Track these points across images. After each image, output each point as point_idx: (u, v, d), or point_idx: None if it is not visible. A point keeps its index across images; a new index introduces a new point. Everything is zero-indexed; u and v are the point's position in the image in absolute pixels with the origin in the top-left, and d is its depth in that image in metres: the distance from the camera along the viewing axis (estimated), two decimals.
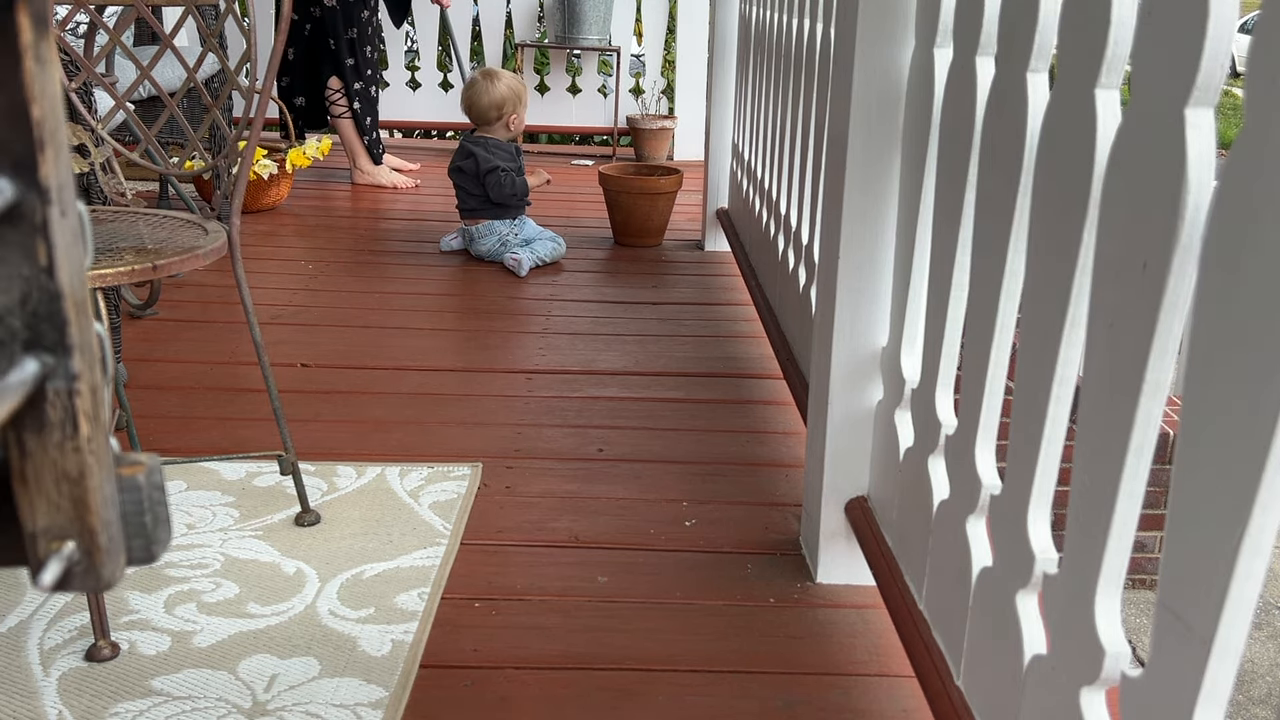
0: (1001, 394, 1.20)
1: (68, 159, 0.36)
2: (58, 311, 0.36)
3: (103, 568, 0.39)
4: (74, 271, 0.37)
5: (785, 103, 2.50)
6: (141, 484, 0.40)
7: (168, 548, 0.41)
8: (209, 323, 2.82)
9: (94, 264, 1.37)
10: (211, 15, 1.81)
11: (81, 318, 0.37)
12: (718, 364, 2.64)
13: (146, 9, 1.70)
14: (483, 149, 3.49)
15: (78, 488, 0.38)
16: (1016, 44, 1.09)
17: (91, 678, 1.37)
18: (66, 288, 0.36)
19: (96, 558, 0.39)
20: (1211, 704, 0.77)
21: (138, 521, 0.40)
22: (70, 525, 0.39)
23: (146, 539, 0.40)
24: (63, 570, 0.38)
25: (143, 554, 0.40)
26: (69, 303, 0.36)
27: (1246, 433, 0.72)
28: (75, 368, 0.37)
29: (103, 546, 0.39)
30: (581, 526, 1.82)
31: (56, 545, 0.39)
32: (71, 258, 0.36)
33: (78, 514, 0.38)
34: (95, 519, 0.38)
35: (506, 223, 3.51)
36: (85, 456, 0.38)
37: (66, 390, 0.37)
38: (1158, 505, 3.49)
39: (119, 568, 0.40)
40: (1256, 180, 0.71)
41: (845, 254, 1.57)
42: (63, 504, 0.38)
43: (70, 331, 0.37)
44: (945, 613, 1.28)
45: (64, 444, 0.38)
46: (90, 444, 0.38)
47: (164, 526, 0.41)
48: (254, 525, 1.76)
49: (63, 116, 0.36)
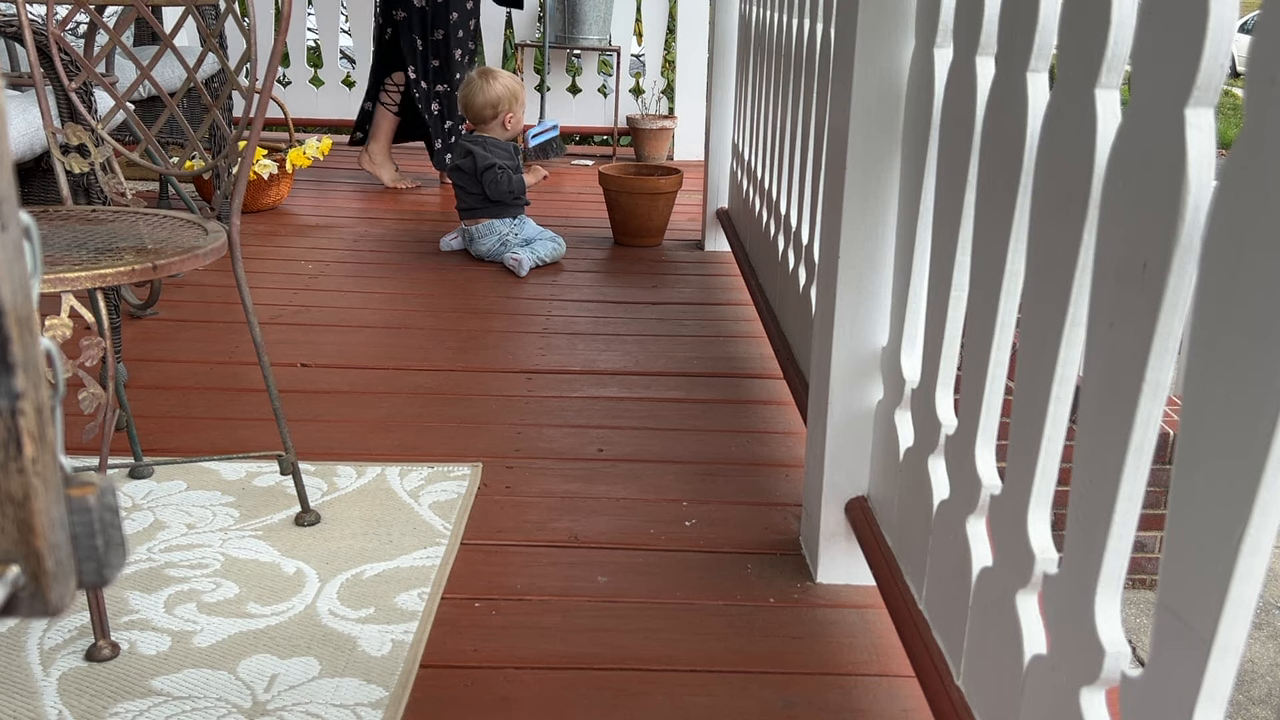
0: (1001, 394, 1.20)
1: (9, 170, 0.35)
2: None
3: (50, 592, 0.38)
4: (16, 287, 0.35)
5: (785, 103, 2.50)
6: (92, 505, 0.39)
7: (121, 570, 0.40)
8: (209, 323, 2.82)
9: (94, 264, 1.37)
10: (211, 15, 1.81)
11: (25, 335, 0.36)
12: (718, 364, 2.64)
13: (146, 9, 1.70)
14: (480, 147, 3.49)
15: (22, 510, 0.37)
16: (1016, 44, 1.09)
17: (91, 678, 1.37)
18: (8, 304, 0.35)
19: (43, 582, 0.38)
20: (1211, 704, 0.77)
21: (89, 544, 0.39)
22: (15, 549, 0.37)
23: (98, 562, 0.39)
24: (7, 595, 0.37)
25: (94, 577, 0.39)
26: (10, 319, 0.35)
27: (1246, 433, 0.72)
28: (18, 386, 0.36)
29: (50, 570, 0.38)
30: (581, 526, 1.81)
31: (1, 570, 0.37)
32: (13, 273, 0.35)
33: (23, 537, 0.37)
34: (41, 542, 0.37)
35: (506, 222, 3.50)
36: (30, 478, 0.37)
37: (9, 409, 0.36)
38: (1158, 505, 3.49)
39: (68, 592, 0.38)
40: (1256, 180, 0.71)
41: (845, 254, 1.57)
42: (7, 527, 0.37)
43: (12, 349, 0.35)
44: (945, 613, 1.28)
45: (7, 465, 0.36)
46: (35, 465, 0.37)
47: (117, 550, 0.39)
48: (254, 525, 1.76)
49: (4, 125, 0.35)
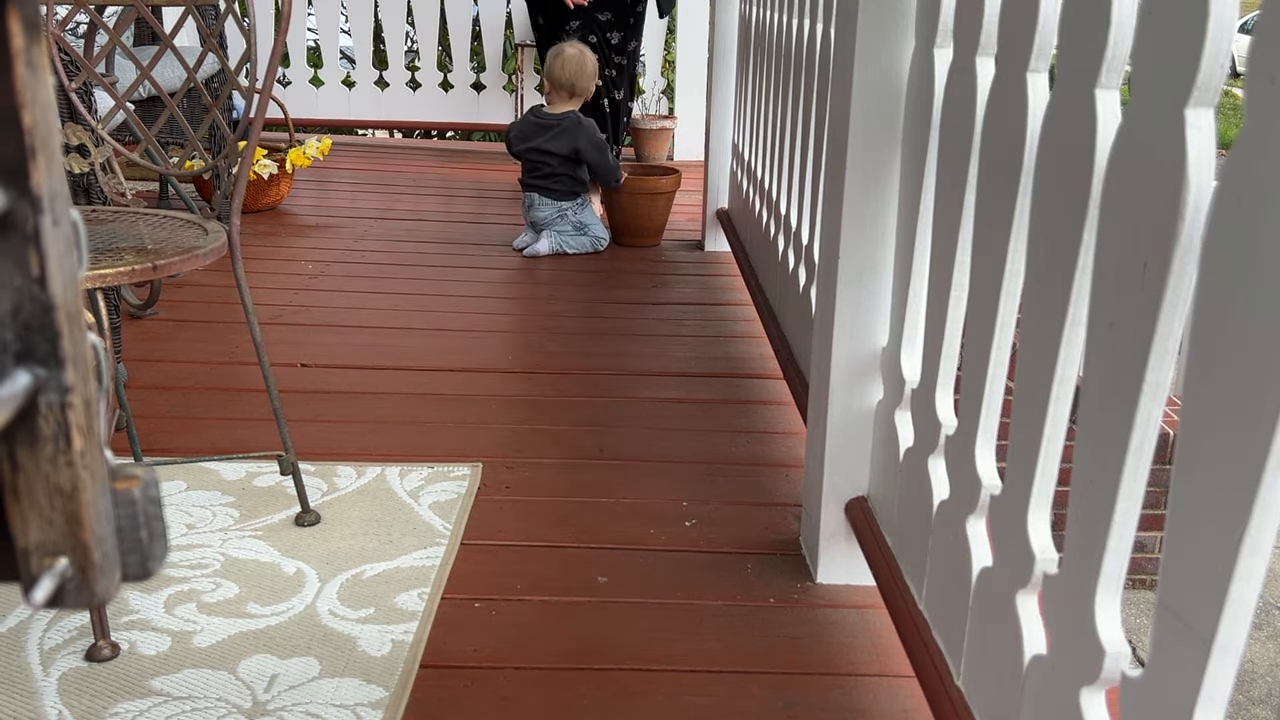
0: (1001, 394, 1.20)
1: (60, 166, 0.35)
2: (50, 323, 0.36)
3: (96, 584, 0.38)
4: (67, 282, 0.36)
5: (785, 103, 2.50)
6: (137, 498, 0.39)
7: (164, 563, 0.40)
8: (209, 323, 2.82)
9: (94, 264, 1.37)
10: (211, 15, 1.81)
11: (74, 330, 0.36)
12: (718, 364, 2.64)
13: (146, 9, 1.70)
14: (579, 125, 3.54)
15: (71, 502, 0.37)
16: (1016, 44, 1.09)
17: (91, 678, 1.37)
18: (59, 299, 0.35)
19: (90, 574, 0.38)
20: (1211, 704, 0.77)
21: (133, 536, 0.39)
22: (63, 541, 0.38)
23: (142, 554, 0.39)
24: (55, 587, 0.38)
25: (138, 570, 0.39)
26: (62, 314, 0.36)
27: (1246, 433, 0.72)
28: (68, 380, 0.36)
29: (96, 562, 0.38)
30: (581, 526, 1.81)
31: (49, 561, 0.38)
32: (64, 268, 0.36)
33: (71, 529, 0.37)
34: (89, 534, 0.38)
35: (570, 200, 3.56)
36: (78, 471, 0.37)
37: (59, 403, 0.36)
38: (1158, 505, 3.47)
39: (113, 584, 0.39)
40: (1256, 180, 0.71)
41: (845, 254, 1.57)
42: (55, 519, 0.37)
43: (63, 344, 0.36)
44: (945, 613, 1.28)
45: (56, 458, 0.37)
46: (83, 458, 0.37)
47: (160, 541, 0.40)
48: (254, 525, 1.76)
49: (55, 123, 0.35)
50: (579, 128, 3.53)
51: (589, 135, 3.54)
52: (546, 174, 3.55)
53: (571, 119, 3.55)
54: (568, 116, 3.56)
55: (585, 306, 3.07)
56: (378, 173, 4.96)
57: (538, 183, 3.56)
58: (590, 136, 3.54)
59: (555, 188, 3.55)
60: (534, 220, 3.60)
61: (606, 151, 3.57)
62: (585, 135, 3.53)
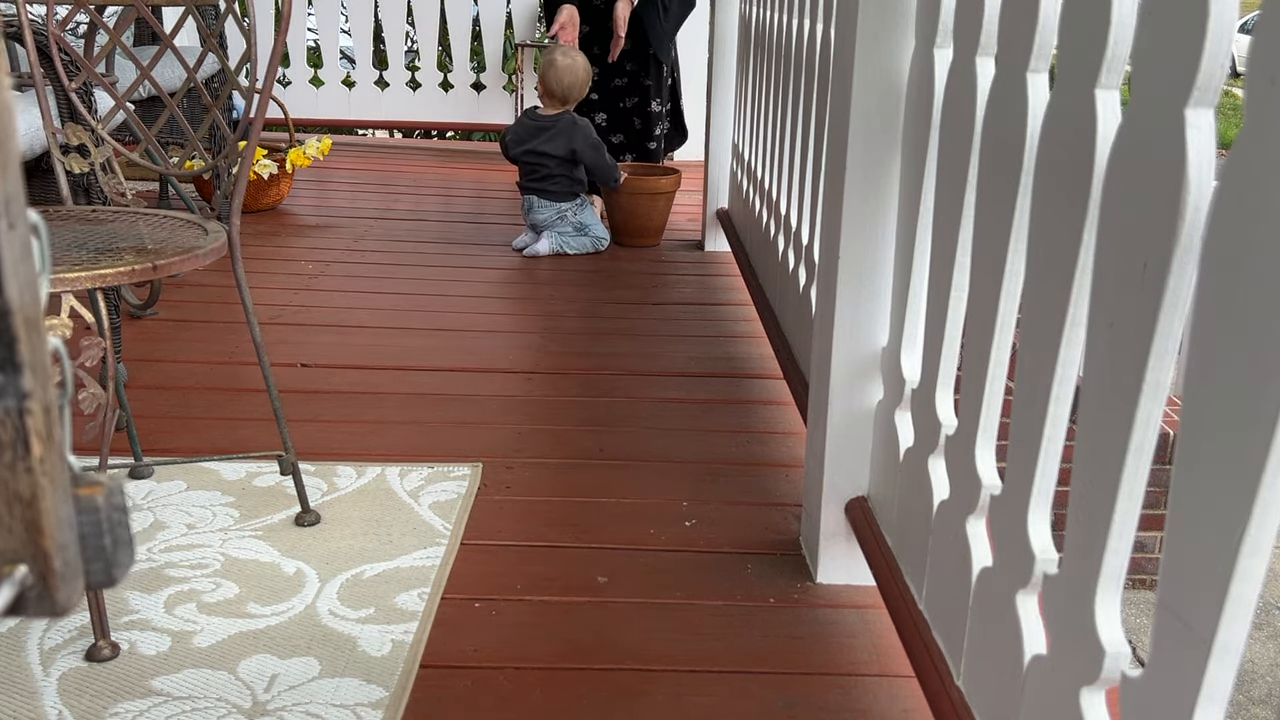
0: (1001, 394, 1.20)
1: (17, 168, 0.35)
2: (6, 328, 0.35)
3: (58, 593, 0.38)
4: (24, 287, 0.35)
5: (785, 103, 2.50)
6: (100, 505, 0.39)
7: (129, 570, 0.40)
8: (209, 323, 2.82)
9: (94, 264, 1.37)
10: (211, 15, 1.81)
11: (33, 335, 0.36)
12: (718, 364, 2.64)
13: (146, 9, 1.70)
14: (575, 125, 3.54)
15: (30, 510, 0.37)
16: (1016, 44, 1.09)
17: (91, 678, 1.37)
18: (15, 304, 0.35)
19: (51, 582, 0.37)
20: (1211, 704, 0.77)
21: (96, 544, 0.39)
22: (23, 549, 0.37)
23: (106, 562, 0.39)
24: (15, 595, 0.37)
25: (102, 577, 0.39)
26: (18, 319, 0.35)
27: (1246, 433, 0.72)
28: (25, 386, 0.36)
29: (57, 570, 0.38)
30: (581, 526, 1.81)
31: (8, 569, 0.37)
32: (21, 272, 0.35)
33: (30, 537, 0.37)
34: (49, 542, 0.37)
35: (570, 201, 3.56)
36: (37, 478, 0.37)
37: (17, 409, 0.36)
38: (1158, 505, 3.48)
39: (75, 592, 0.38)
40: (1256, 180, 0.71)
41: (845, 254, 1.57)
42: (15, 527, 0.37)
43: (20, 349, 0.35)
44: (945, 613, 1.28)
45: (15, 465, 0.36)
46: (43, 464, 0.37)
47: (125, 549, 0.39)
48: (254, 525, 1.76)
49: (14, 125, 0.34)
50: (575, 128, 3.53)
51: (585, 135, 3.53)
52: (544, 176, 3.54)
53: (566, 119, 3.55)
54: (562, 117, 3.56)
55: (585, 306, 3.07)
56: (378, 173, 4.96)
57: (536, 185, 3.56)
58: (586, 137, 3.53)
59: (553, 189, 3.55)
60: (534, 223, 3.60)
61: (603, 151, 3.57)
62: (581, 136, 3.52)
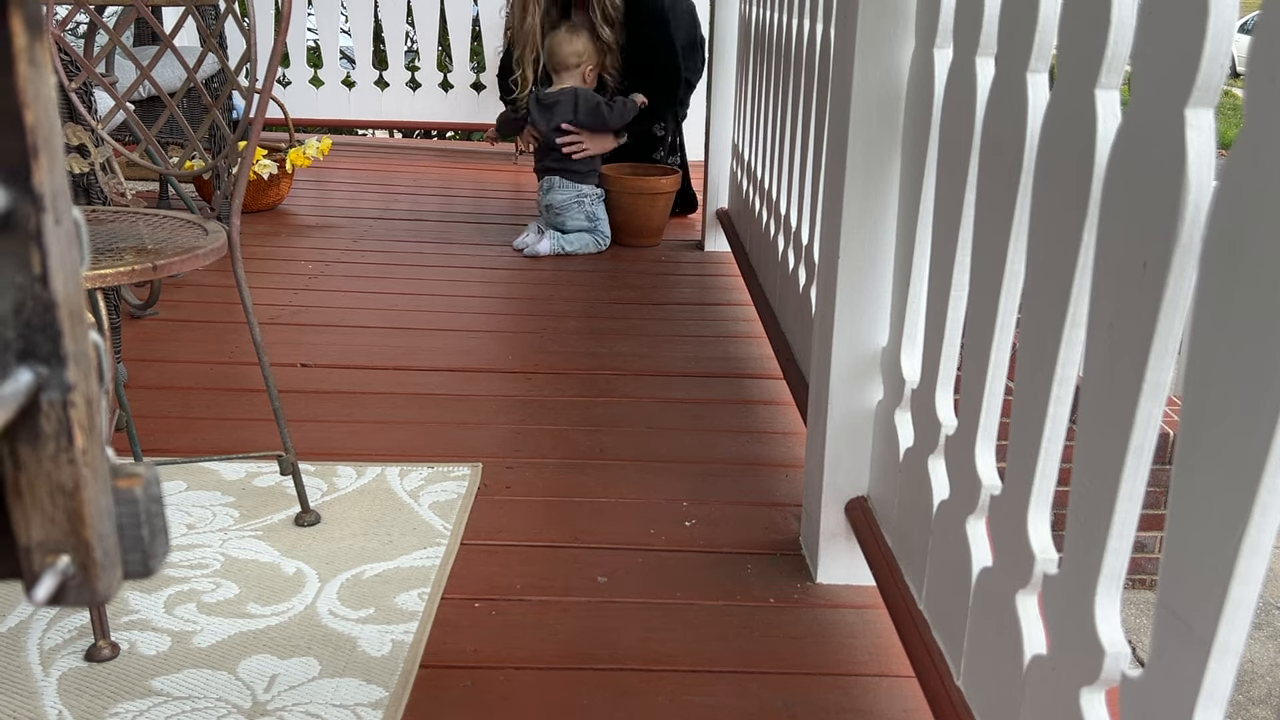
0: (1001, 394, 1.20)
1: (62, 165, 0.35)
2: (52, 321, 0.36)
3: (98, 582, 0.38)
4: (69, 280, 0.36)
5: (785, 103, 2.50)
6: (139, 496, 0.39)
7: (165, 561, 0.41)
8: (209, 323, 2.82)
9: (94, 264, 1.37)
10: (211, 15, 1.81)
11: (76, 328, 0.36)
12: (718, 364, 2.64)
13: (146, 9, 1.70)
14: (574, 100, 3.56)
15: (72, 501, 0.37)
16: (1016, 44, 1.09)
17: (91, 678, 1.37)
18: (61, 297, 0.36)
19: (92, 572, 0.38)
20: (1211, 704, 0.77)
21: (134, 534, 0.39)
22: (65, 539, 0.38)
23: (143, 552, 0.40)
24: (57, 585, 0.38)
25: (139, 567, 0.40)
26: (63, 312, 0.36)
27: (1246, 433, 0.72)
28: (70, 379, 0.36)
29: (98, 560, 0.38)
30: (581, 526, 1.81)
31: (51, 559, 0.38)
32: (66, 266, 0.36)
33: (72, 527, 0.38)
34: (90, 532, 0.38)
35: (590, 185, 3.59)
36: (80, 469, 0.37)
37: (61, 401, 0.37)
38: (1158, 505, 3.47)
39: (115, 582, 0.39)
40: (1256, 180, 0.71)
41: (845, 254, 1.57)
42: (57, 517, 0.38)
43: (65, 342, 0.36)
44: (945, 613, 1.28)
45: (58, 456, 0.37)
46: (85, 456, 0.37)
47: (161, 539, 0.40)
48: (254, 525, 1.76)
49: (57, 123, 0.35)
50: (576, 96, 3.59)
51: (585, 99, 3.59)
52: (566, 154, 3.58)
53: (568, 91, 3.61)
54: (564, 91, 3.62)
55: (585, 306, 3.07)
56: (377, 173, 4.96)
57: (557, 164, 3.58)
58: (586, 100, 3.59)
59: (576, 168, 3.58)
60: (549, 204, 3.59)
61: (601, 107, 3.60)
62: (583, 100, 3.59)
